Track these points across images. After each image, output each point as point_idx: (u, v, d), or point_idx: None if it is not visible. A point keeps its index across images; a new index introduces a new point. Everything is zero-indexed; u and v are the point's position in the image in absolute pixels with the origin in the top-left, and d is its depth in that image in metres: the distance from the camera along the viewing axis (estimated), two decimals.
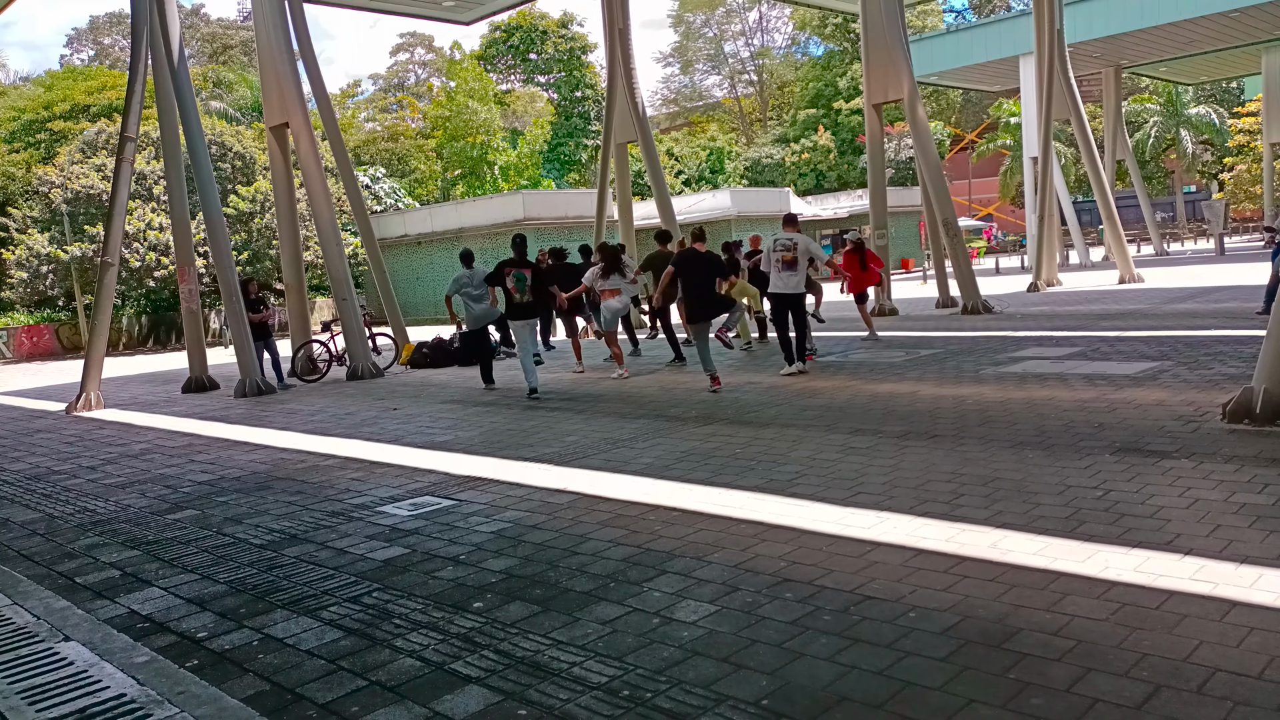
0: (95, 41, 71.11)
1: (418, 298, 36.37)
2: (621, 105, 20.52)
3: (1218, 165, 50.86)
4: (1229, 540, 4.22)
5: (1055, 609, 3.61)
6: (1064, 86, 23.08)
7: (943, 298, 19.49)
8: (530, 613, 4.02)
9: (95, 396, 13.93)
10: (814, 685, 3.15)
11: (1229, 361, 9.28)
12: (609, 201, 22.12)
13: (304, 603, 4.39)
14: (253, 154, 36.10)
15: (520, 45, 57.59)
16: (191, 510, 6.56)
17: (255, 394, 13.63)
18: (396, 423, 9.92)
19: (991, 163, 57.40)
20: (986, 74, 37.13)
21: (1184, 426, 6.60)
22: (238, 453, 8.90)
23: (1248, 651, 3.15)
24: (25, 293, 32.63)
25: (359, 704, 3.28)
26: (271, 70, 15.86)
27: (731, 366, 12.09)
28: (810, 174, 55.46)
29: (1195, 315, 13.80)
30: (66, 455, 9.64)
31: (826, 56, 61.88)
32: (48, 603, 4.72)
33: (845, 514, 5.10)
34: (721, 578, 4.25)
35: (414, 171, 51.63)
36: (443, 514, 5.84)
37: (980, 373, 9.99)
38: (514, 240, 11.46)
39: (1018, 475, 5.62)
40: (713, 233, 35.72)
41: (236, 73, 55.15)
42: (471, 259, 12.19)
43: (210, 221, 14.64)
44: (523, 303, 10.90)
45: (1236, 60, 37.89)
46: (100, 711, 3.38)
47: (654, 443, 7.56)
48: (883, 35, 17.97)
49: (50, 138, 40.89)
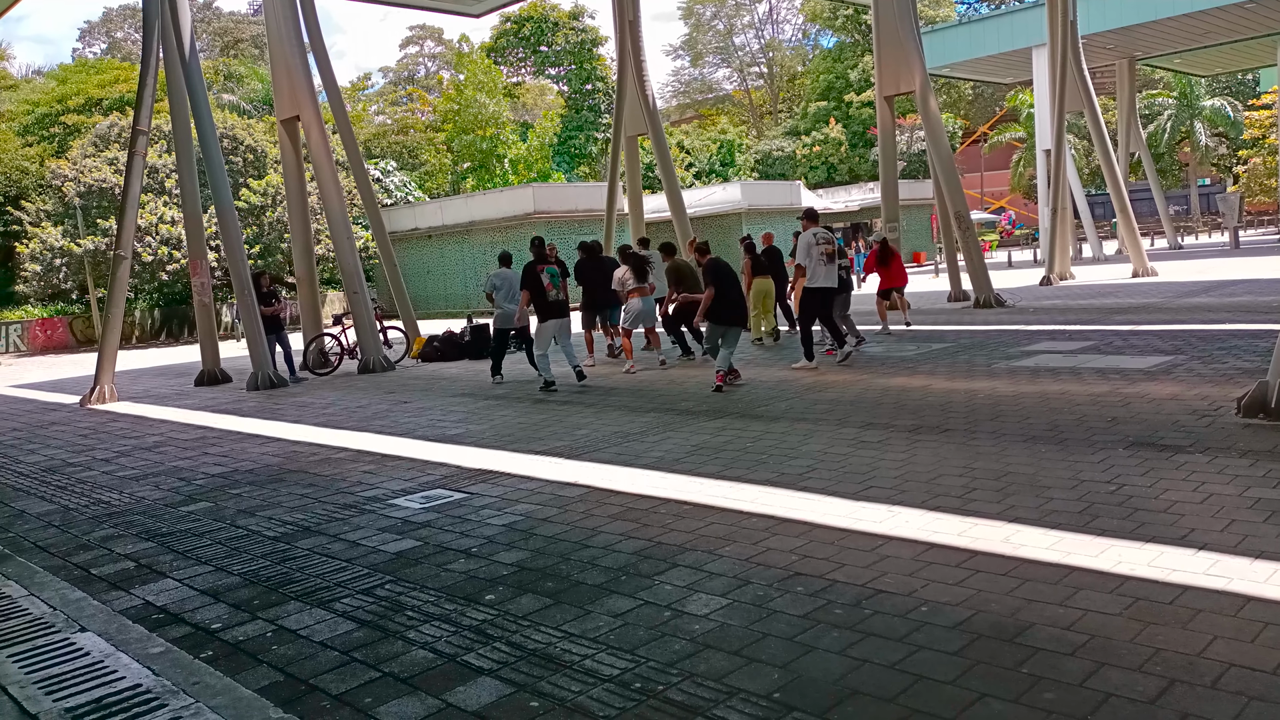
0: (108, 35, 71.36)
1: (428, 291, 36.45)
2: (632, 98, 20.49)
3: (1232, 158, 50.43)
4: (1243, 535, 4.19)
5: (1068, 603, 3.60)
6: (1077, 78, 22.94)
7: (955, 291, 19.41)
8: (542, 605, 4.03)
9: (109, 389, 14.01)
10: (825, 679, 3.15)
11: (1243, 355, 9.22)
12: (619, 195, 22.09)
13: (317, 594, 4.41)
14: (264, 147, 36.20)
15: (531, 38, 57.50)
16: (205, 502, 6.60)
17: (267, 387, 13.68)
18: (408, 416, 9.95)
19: (1003, 155, 57.07)
20: (999, 66, 36.92)
21: (1198, 421, 6.56)
22: (250, 445, 8.94)
23: (1262, 647, 3.13)
24: (39, 286, 32.86)
25: (372, 695, 3.30)
26: (282, 64, 15.88)
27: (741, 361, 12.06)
28: (821, 167, 55.28)
29: (1209, 309, 13.70)
30: (81, 448, 9.70)
31: (838, 48, 61.63)
32: (64, 594, 4.76)
33: (857, 508, 5.09)
34: (733, 571, 4.26)
35: (424, 165, 51.69)
36: (454, 507, 5.85)
37: (992, 367, 9.95)
38: (533, 242, 11.40)
39: (1030, 469, 5.60)
40: (723, 225, 35.68)
41: (248, 66, 55.26)
42: (509, 260, 12.33)
43: (222, 215, 14.70)
44: (556, 300, 10.74)
45: (1251, 52, 37.55)
46: (116, 701, 3.41)
47: (665, 436, 7.57)
48: (894, 27, 17.88)
49: (63, 131, 41.08)
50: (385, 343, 16.10)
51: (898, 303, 14.43)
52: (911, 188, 42.44)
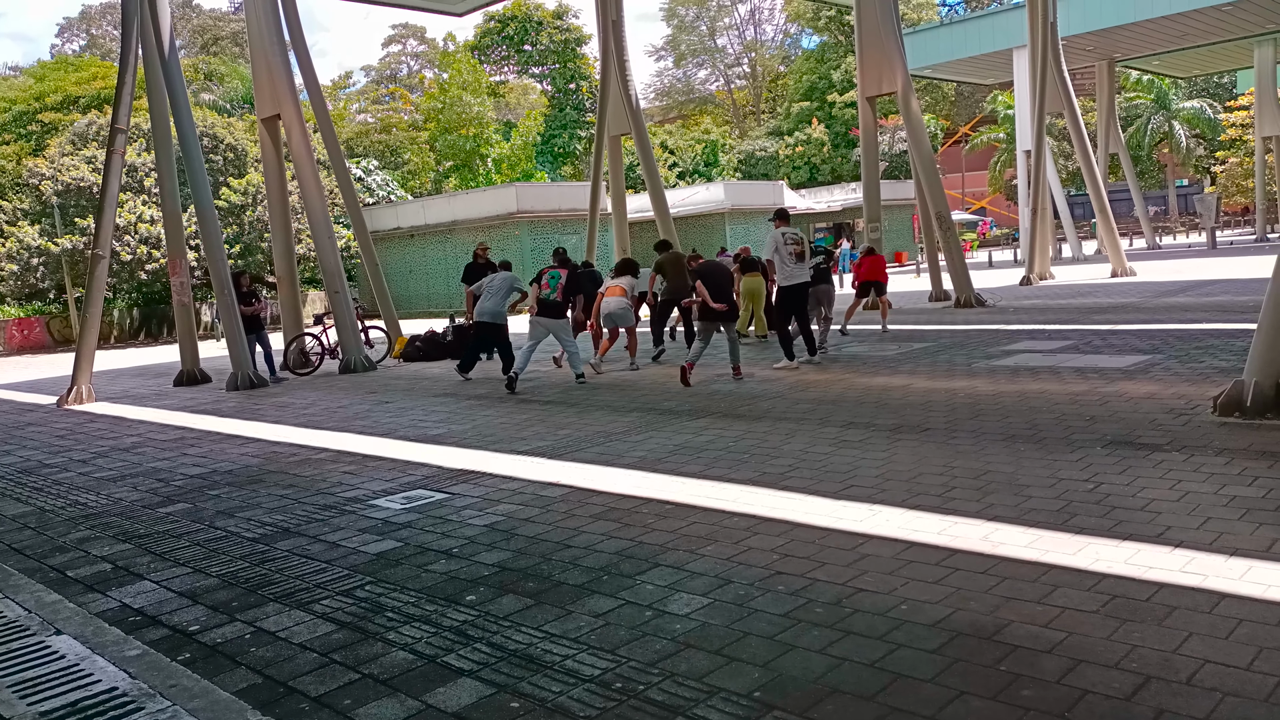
0: (86, 32, 70.71)
1: (410, 291, 36.29)
2: (615, 98, 20.49)
3: (1210, 159, 50.97)
4: (1219, 533, 4.24)
5: (1046, 601, 3.63)
6: (1057, 80, 23.12)
7: (936, 291, 19.52)
8: (523, 606, 4.02)
9: (86, 389, 13.87)
10: (806, 677, 3.16)
11: (1220, 355, 9.32)
12: (602, 194, 22.08)
13: (296, 596, 4.38)
14: (244, 146, 35.95)
15: (514, 37, 57.36)
16: (183, 504, 6.54)
17: (247, 387, 13.58)
18: (389, 416, 9.91)
19: (984, 156, 57.44)
20: (980, 67, 37.14)
21: (1175, 420, 6.62)
22: (230, 446, 8.88)
23: (1237, 643, 3.17)
24: (15, 285, 32.51)
25: (352, 697, 3.28)
26: (263, 62, 15.77)
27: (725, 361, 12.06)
28: (804, 167, 55.42)
29: (1187, 309, 13.84)
30: (58, 449, 9.60)
31: (820, 49, 61.78)
32: (39, 596, 4.71)
33: (838, 507, 5.11)
34: (714, 571, 4.26)
35: (407, 164, 51.49)
36: (436, 507, 5.83)
37: (973, 366, 10.01)
38: (555, 252, 13.04)
39: (1009, 468, 5.63)
40: (706, 225, 35.76)
41: (228, 64, 54.87)
42: (509, 267, 13.19)
43: (202, 214, 14.58)
44: (550, 301, 11.23)
45: (1229, 54, 37.95)
46: (92, 705, 3.38)
47: (647, 436, 7.57)
48: (876, 28, 17.96)
49: (41, 129, 40.67)
50: (367, 342, 16.03)
51: (880, 305, 14.50)
52: (893, 188, 42.59)
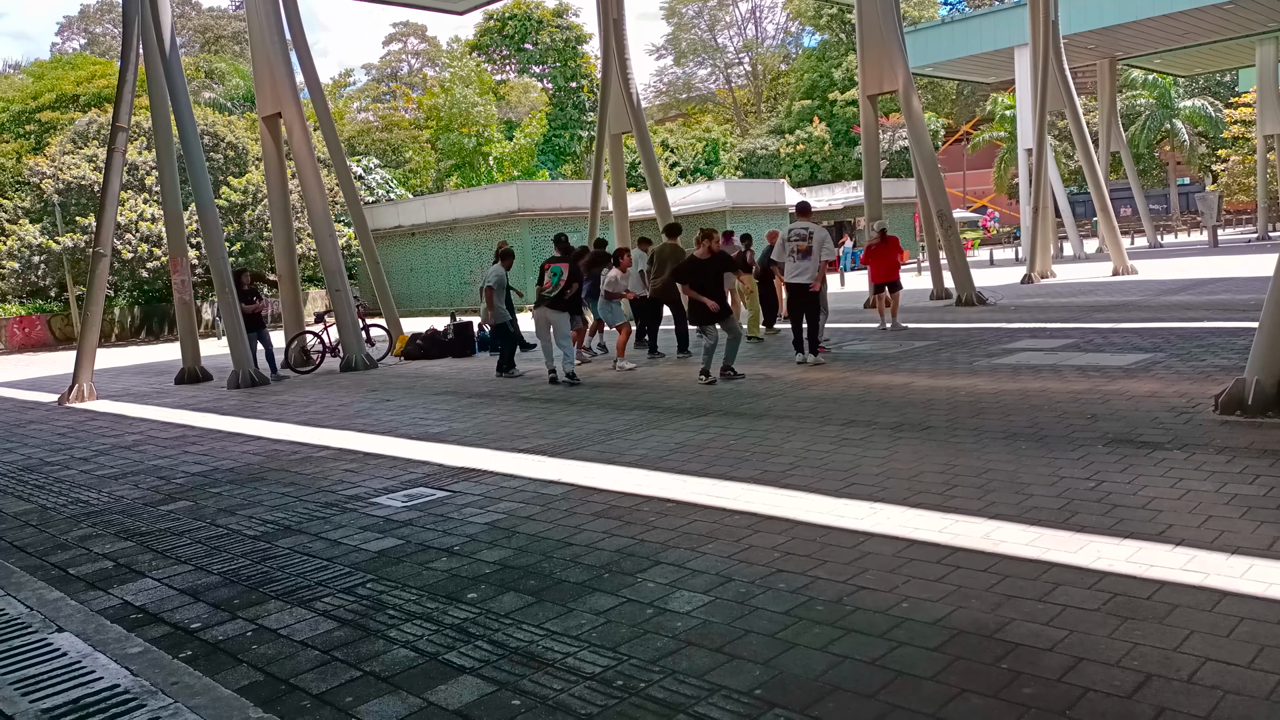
0: (86, 30, 70.64)
1: (411, 289, 36.29)
2: (616, 96, 20.46)
3: (1212, 157, 50.91)
4: (1220, 531, 4.23)
5: (1047, 599, 3.63)
6: (1059, 78, 23.09)
7: (937, 289, 19.51)
8: (524, 603, 4.02)
9: (88, 388, 13.88)
10: (807, 675, 3.16)
11: (1221, 353, 9.31)
12: (603, 193, 22.07)
13: (298, 593, 4.39)
14: (245, 144, 35.94)
15: (515, 35, 57.29)
16: (185, 501, 6.55)
17: (249, 385, 13.59)
18: (390, 414, 9.91)
19: (986, 155, 57.38)
20: (981, 65, 37.10)
21: (1176, 418, 6.62)
22: (231, 444, 8.88)
23: (1238, 641, 3.16)
24: (17, 283, 32.56)
25: (353, 694, 3.28)
26: (264, 60, 15.77)
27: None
28: (805, 165, 55.37)
29: (1188, 307, 13.83)
30: (59, 446, 9.61)
31: (822, 47, 61.73)
32: (41, 594, 4.71)
33: (839, 505, 5.11)
34: (715, 568, 4.26)
35: (408, 162, 51.45)
36: (437, 505, 5.83)
37: (974, 364, 10.00)
38: (557, 240, 12.73)
39: (1011, 467, 5.63)
40: (708, 223, 35.65)
41: (229, 63, 54.80)
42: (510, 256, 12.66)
43: (203, 212, 14.57)
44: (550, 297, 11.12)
45: (1231, 52, 37.92)
46: (94, 702, 3.38)
47: (648, 434, 7.57)
48: (878, 26, 17.93)
49: (41, 128, 40.67)
50: (368, 340, 16.03)
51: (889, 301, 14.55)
52: (894, 186, 42.59)
